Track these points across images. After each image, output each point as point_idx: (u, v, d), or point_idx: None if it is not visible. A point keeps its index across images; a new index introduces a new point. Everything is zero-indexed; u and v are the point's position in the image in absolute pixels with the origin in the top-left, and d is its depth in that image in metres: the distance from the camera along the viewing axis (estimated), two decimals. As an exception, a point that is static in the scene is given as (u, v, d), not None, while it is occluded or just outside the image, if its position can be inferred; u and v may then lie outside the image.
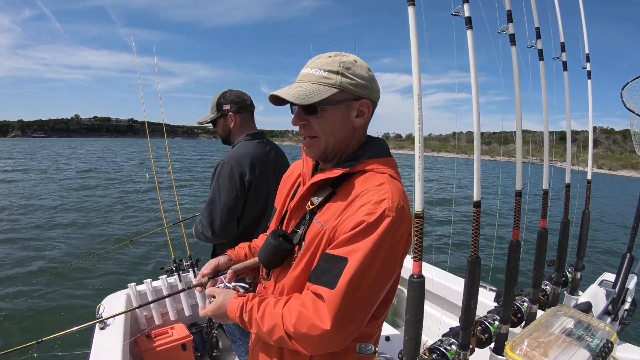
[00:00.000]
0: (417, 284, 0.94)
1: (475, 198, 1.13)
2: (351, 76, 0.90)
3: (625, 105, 2.67)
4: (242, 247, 1.24)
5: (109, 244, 7.05)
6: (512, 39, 1.35)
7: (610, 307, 2.07)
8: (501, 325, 1.38)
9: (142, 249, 6.36)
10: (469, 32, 1.16)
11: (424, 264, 2.81)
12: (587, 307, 1.63)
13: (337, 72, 0.89)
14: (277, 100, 0.95)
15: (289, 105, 0.94)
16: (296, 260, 0.97)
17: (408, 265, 0.99)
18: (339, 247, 0.85)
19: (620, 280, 2.09)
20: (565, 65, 1.68)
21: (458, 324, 1.37)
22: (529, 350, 1.23)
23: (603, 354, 1.20)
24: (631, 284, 2.18)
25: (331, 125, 0.92)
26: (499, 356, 1.38)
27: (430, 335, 2.50)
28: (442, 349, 1.25)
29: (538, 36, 1.52)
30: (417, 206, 0.93)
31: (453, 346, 1.28)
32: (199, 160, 35.27)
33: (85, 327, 1.19)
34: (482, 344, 1.38)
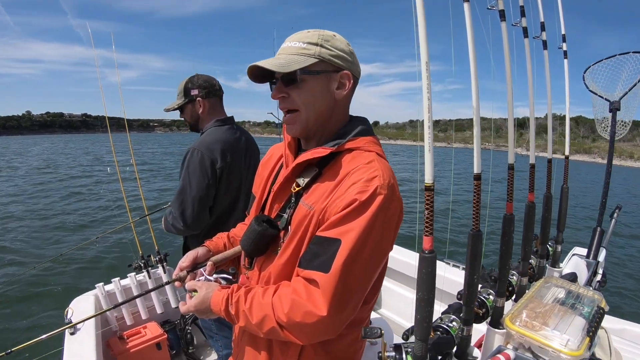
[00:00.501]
0: (429, 259, 0.92)
1: (475, 171, 1.11)
2: (330, 47, 0.88)
3: (587, 87, 2.80)
4: (221, 237, 1.17)
5: (72, 243, 6.73)
6: (502, 15, 1.35)
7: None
8: (497, 298, 1.39)
9: (106, 246, 6.08)
10: (465, 5, 1.13)
11: (404, 250, 2.81)
12: (573, 278, 1.69)
13: (316, 44, 0.87)
14: (256, 77, 0.91)
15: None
16: (283, 245, 0.92)
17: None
18: (331, 228, 0.81)
19: (592, 252, 2.20)
20: (545, 44, 1.71)
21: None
22: (529, 320, 1.24)
23: (597, 318, 1.24)
24: (601, 256, 2.31)
25: (312, 97, 0.89)
26: (496, 329, 1.38)
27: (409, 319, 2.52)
28: (445, 326, 1.23)
29: (523, 14, 1.53)
30: (428, 178, 0.89)
31: (454, 323, 1.27)
32: (155, 154, 35.20)
33: (55, 333, 1.12)
34: (479, 319, 1.38)
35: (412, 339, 1.18)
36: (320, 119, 0.92)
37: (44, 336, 1.06)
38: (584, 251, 2.40)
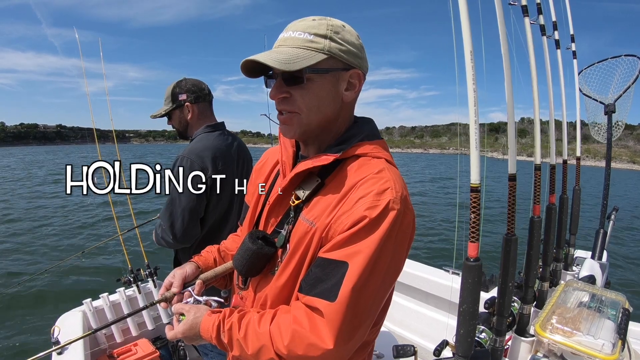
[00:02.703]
0: (474, 268, 0.84)
1: (510, 171, 1.06)
2: (341, 41, 0.76)
3: (581, 91, 2.83)
4: (211, 252, 1.06)
5: (57, 258, 6.32)
6: (525, 10, 1.31)
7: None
8: (524, 306, 1.33)
9: (93, 260, 5.78)
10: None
11: (417, 264, 2.74)
12: (592, 281, 1.66)
13: (325, 36, 0.75)
14: (249, 71, 0.78)
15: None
16: (281, 266, 0.81)
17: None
18: (336, 249, 0.72)
19: (597, 254, 2.20)
20: (557, 44, 1.69)
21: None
22: (560, 327, 1.19)
23: (625, 320, 1.20)
24: (603, 258, 2.31)
25: (317, 99, 0.77)
26: (522, 337, 1.33)
27: (425, 336, 2.44)
28: (476, 338, 1.16)
29: (539, 12, 1.50)
30: (474, 177, 0.81)
31: (484, 334, 1.20)
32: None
33: (42, 356, 0.97)
34: (506, 328, 1.32)
35: (445, 353, 1.11)
36: (323, 123, 0.81)
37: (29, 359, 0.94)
38: (584, 253, 2.39)
